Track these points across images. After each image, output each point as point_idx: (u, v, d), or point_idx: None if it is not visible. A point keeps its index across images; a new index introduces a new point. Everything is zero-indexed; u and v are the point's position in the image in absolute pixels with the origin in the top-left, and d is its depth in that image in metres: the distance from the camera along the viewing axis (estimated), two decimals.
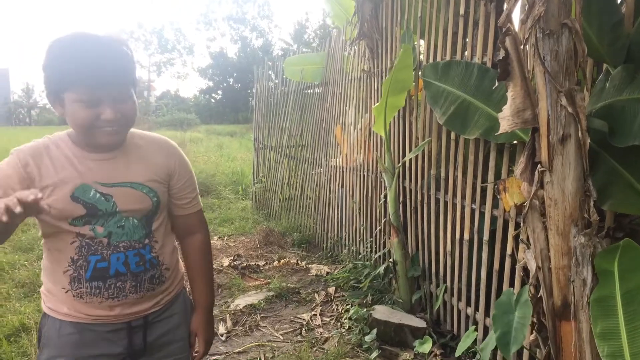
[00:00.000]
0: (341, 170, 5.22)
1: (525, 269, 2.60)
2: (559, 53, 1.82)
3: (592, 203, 1.88)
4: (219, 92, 45.19)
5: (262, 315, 3.92)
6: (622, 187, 1.89)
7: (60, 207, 1.45)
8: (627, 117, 1.82)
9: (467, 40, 3.08)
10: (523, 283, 2.64)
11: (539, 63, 1.84)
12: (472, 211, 3.13)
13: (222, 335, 3.54)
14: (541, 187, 1.96)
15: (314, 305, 4.11)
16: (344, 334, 3.51)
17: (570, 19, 1.81)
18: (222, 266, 5.01)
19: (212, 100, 45.38)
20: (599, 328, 1.65)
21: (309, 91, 6.33)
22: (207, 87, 46.13)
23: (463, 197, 3.20)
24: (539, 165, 1.93)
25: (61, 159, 1.47)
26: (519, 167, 2.03)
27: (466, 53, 3.10)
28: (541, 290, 2.04)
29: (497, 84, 2.15)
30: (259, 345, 3.42)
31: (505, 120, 1.98)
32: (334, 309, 4.01)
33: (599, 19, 2.08)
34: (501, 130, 2.00)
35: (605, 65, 2.16)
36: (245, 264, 5.06)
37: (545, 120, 1.87)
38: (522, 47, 1.94)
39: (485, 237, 2.99)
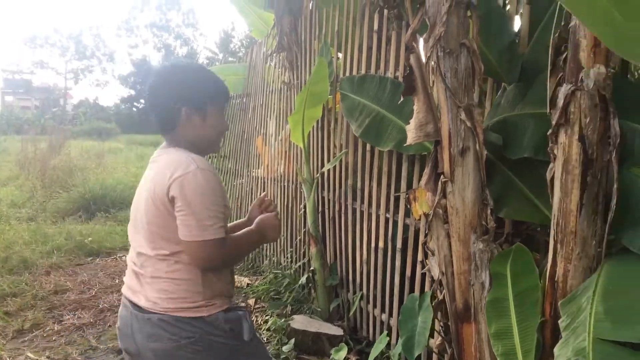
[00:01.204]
0: (262, 181, 5.23)
1: None
2: (458, 71, 1.94)
3: (489, 211, 2.01)
4: (142, 100, 43.85)
5: None
6: (516, 196, 2.03)
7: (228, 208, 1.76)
8: (519, 131, 1.96)
9: (381, 55, 3.19)
10: None
11: (440, 80, 1.96)
12: (387, 220, 3.23)
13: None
14: (444, 197, 2.07)
15: None
16: None
17: (468, 39, 1.93)
18: None
19: (134, 109, 43.99)
20: (493, 328, 1.75)
21: (233, 101, 6.30)
22: (128, 95, 44.68)
23: (378, 206, 3.30)
24: (441, 176, 2.04)
25: None
26: (424, 178, 2.13)
27: (381, 67, 3.21)
28: (445, 294, 2.14)
29: (402, 99, 2.25)
30: None
31: (411, 133, 2.08)
32: (253, 321, 3.97)
33: (496, 40, 2.22)
34: (407, 142, 2.10)
35: (503, 83, 2.31)
36: None
37: (446, 133, 1.98)
38: (425, 64, 2.05)
39: (399, 245, 3.10)
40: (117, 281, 4.94)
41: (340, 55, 3.77)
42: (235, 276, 5.02)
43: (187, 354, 1.68)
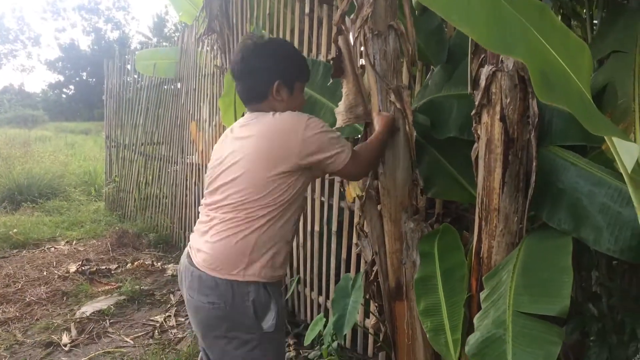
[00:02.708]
0: (197, 167, 5.13)
1: None
2: (387, 53, 1.95)
3: (419, 191, 2.05)
4: (71, 87, 41.94)
5: (111, 320, 3.73)
6: (444, 176, 2.07)
7: None
8: (445, 112, 1.99)
9: (314, 38, 3.17)
10: None
11: (369, 62, 1.96)
12: (322, 204, 3.24)
13: (65, 345, 3.32)
14: (376, 178, 2.09)
15: (169, 306, 4.00)
16: None
17: (396, 21, 1.94)
18: (68, 273, 4.68)
19: (63, 96, 42.02)
20: (422, 305, 1.79)
21: (166, 87, 6.13)
22: (56, 81, 42.61)
23: (313, 190, 3.31)
24: None
25: None
26: None
27: (313, 51, 3.19)
28: (378, 273, 2.18)
29: (331, 81, 2.24)
30: (106, 352, 3.25)
31: (340, 115, 2.08)
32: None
33: (424, 23, 2.26)
34: (337, 125, 2.10)
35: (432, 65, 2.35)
36: (94, 269, 4.76)
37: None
38: (353, 46, 2.05)
39: (334, 228, 3.12)
40: (45, 273, 4.73)
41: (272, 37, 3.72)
42: (172, 265, 4.96)
43: (209, 315, 1.71)
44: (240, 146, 1.73)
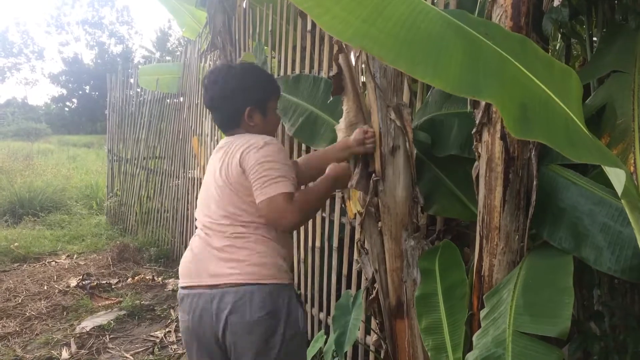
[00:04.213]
0: (199, 182, 5.13)
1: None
2: (387, 70, 1.96)
3: (419, 209, 2.05)
4: (74, 100, 42.23)
5: (111, 336, 3.72)
6: (444, 193, 2.07)
7: None
8: (445, 130, 2.00)
9: (315, 55, 3.19)
10: None
11: (370, 79, 1.97)
12: (323, 219, 3.24)
13: None
14: (376, 195, 2.08)
15: (169, 321, 3.98)
16: None
17: None
18: (68, 287, 4.68)
19: (66, 109, 42.26)
20: (423, 323, 1.77)
21: (168, 101, 6.17)
22: (60, 94, 42.91)
23: None
24: (373, 175, 2.06)
25: None
26: (354, 178, 2.13)
27: (315, 67, 3.21)
28: (379, 291, 2.17)
29: (331, 98, 2.25)
30: None
31: (341, 132, 2.09)
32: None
33: None
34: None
35: None
36: (95, 283, 4.76)
37: (377, 132, 2.00)
38: (354, 63, 2.06)
39: (335, 244, 3.11)
40: (45, 288, 4.72)
41: (274, 54, 3.74)
42: (172, 279, 4.94)
43: (268, 325, 1.72)
44: (221, 164, 1.79)
